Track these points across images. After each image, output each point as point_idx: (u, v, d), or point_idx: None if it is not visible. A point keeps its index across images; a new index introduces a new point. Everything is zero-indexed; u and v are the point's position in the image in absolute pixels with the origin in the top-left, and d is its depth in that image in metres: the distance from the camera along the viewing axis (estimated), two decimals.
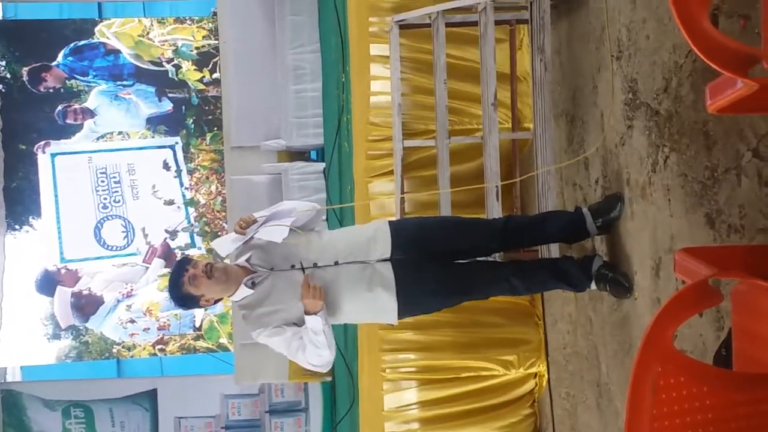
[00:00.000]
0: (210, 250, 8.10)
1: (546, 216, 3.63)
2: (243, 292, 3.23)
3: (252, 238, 3.25)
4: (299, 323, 3.21)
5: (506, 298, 4.51)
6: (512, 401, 4.67)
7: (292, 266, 3.25)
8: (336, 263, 3.26)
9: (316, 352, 3.16)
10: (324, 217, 5.12)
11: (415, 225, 3.49)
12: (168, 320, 8.14)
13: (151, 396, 7.34)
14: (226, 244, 3.30)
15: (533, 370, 4.62)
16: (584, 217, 3.43)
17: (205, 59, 8.24)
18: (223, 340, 8.11)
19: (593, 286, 3.48)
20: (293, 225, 3.26)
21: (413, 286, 3.28)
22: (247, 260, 3.25)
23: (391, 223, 3.43)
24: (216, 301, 3.32)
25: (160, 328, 8.14)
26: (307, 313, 3.10)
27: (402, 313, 3.31)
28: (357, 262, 3.27)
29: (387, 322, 3.43)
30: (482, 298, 3.72)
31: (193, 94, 8.23)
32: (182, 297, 3.21)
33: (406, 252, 3.30)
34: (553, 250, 3.84)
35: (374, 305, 3.29)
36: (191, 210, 8.16)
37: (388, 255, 3.28)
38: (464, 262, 3.46)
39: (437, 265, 3.35)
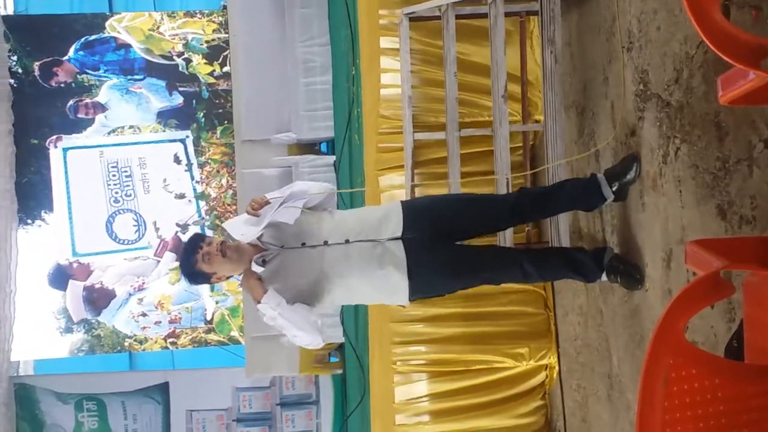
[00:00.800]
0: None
1: (559, 184, 3.60)
2: (253, 269, 3.26)
3: (266, 221, 3.23)
4: (309, 301, 3.24)
5: (517, 287, 4.51)
6: (523, 393, 4.67)
7: (303, 244, 3.27)
8: (347, 241, 3.26)
9: (291, 333, 3.22)
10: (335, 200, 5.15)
11: (427, 203, 3.48)
12: (179, 314, 8.17)
13: (163, 389, 7.38)
14: (239, 226, 3.28)
15: (544, 362, 4.62)
16: (599, 183, 3.39)
17: (215, 53, 8.25)
18: (235, 333, 8.13)
19: (604, 277, 3.47)
20: (305, 206, 3.28)
21: (424, 265, 3.25)
22: (258, 238, 3.28)
23: (403, 202, 3.42)
24: (227, 278, 3.36)
25: (171, 322, 8.17)
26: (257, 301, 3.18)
27: (413, 293, 3.29)
28: (368, 241, 3.26)
29: (398, 303, 3.43)
30: (494, 283, 3.68)
31: (204, 87, 8.24)
32: (194, 274, 3.25)
33: (418, 231, 3.28)
34: (564, 239, 3.83)
35: (385, 285, 3.27)
36: (202, 203, 8.18)
37: (399, 234, 3.26)
38: (476, 247, 3.45)
39: (449, 245, 3.33)
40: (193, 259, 3.22)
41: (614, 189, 3.38)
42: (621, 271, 3.40)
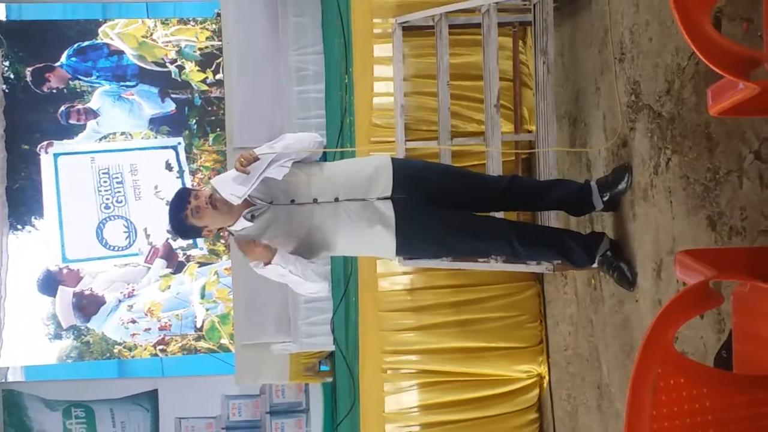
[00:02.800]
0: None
1: (552, 183, 3.60)
2: (242, 224, 3.25)
3: (255, 182, 3.20)
4: (302, 254, 3.27)
5: (511, 291, 4.49)
6: (517, 408, 4.62)
7: (292, 201, 3.25)
8: (336, 200, 3.25)
9: (301, 288, 3.30)
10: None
11: (419, 167, 3.42)
12: (169, 321, 8.14)
13: (152, 396, 7.34)
14: (227, 183, 3.21)
15: (536, 372, 4.59)
16: (591, 191, 3.40)
17: (208, 60, 8.24)
18: (224, 341, 8.11)
19: (595, 265, 3.46)
20: (294, 159, 3.25)
21: (413, 225, 3.26)
22: None
23: (393, 160, 3.36)
24: (218, 230, 3.34)
25: (161, 329, 8.14)
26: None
27: (400, 250, 3.31)
28: (357, 200, 3.25)
29: (386, 257, 3.48)
30: (482, 255, 3.67)
31: (196, 94, 8.23)
32: (185, 228, 3.24)
33: (408, 192, 3.27)
34: (552, 222, 3.82)
35: (373, 241, 3.30)
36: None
37: (389, 194, 3.25)
38: (467, 213, 3.41)
39: (439, 209, 3.31)
40: (182, 215, 3.19)
41: (605, 199, 3.38)
42: (615, 267, 3.38)
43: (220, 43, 7.56)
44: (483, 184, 3.49)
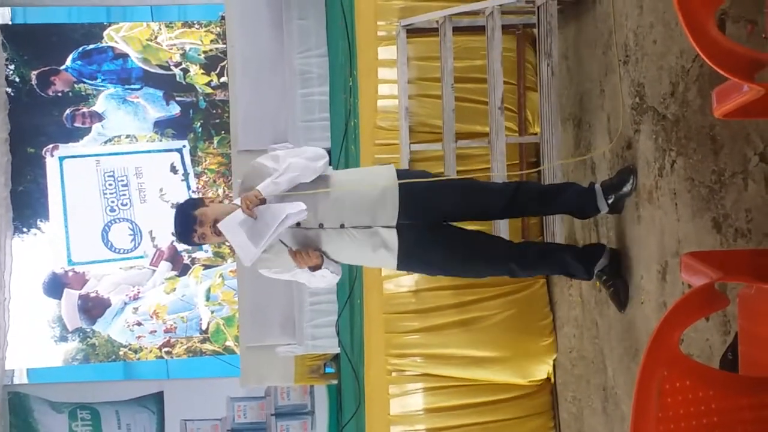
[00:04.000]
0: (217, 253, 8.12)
1: (557, 188, 3.60)
2: (248, 263, 3.27)
3: (267, 241, 3.18)
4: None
5: (516, 291, 4.48)
6: (529, 416, 4.57)
7: (298, 224, 3.25)
8: (342, 226, 3.28)
9: (323, 281, 3.37)
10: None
11: (425, 187, 3.37)
12: (174, 323, 8.15)
13: (158, 398, 7.35)
14: (236, 231, 3.14)
15: (545, 374, 4.54)
16: (595, 193, 3.41)
17: (212, 63, 8.26)
18: (230, 343, 8.12)
19: (593, 279, 3.50)
20: (301, 209, 3.20)
21: (416, 252, 3.34)
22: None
23: (400, 184, 3.32)
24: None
25: (166, 331, 8.15)
26: (312, 268, 3.29)
27: (400, 267, 3.41)
28: (363, 228, 3.28)
29: (385, 268, 3.64)
30: (479, 277, 3.82)
31: (201, 97, 8.25)
32: (192, 245, 3.43)
33: (413, 217, 3.30)
34: (558, 233, 3.82)
35: (375, 261, 3.45)
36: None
37: (394, 223, 3.28)
38: (468, 236, 3.46)
39: (441, 235, 3.37)
40: (189, 238, 3.25)
41: (610, 202, 3.38)
42: (611, 285, 3.44)
43: (224, 46, 7.57)
44: (488, 197, 3.49)
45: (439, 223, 3.39)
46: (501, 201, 3.45)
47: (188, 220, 3.23)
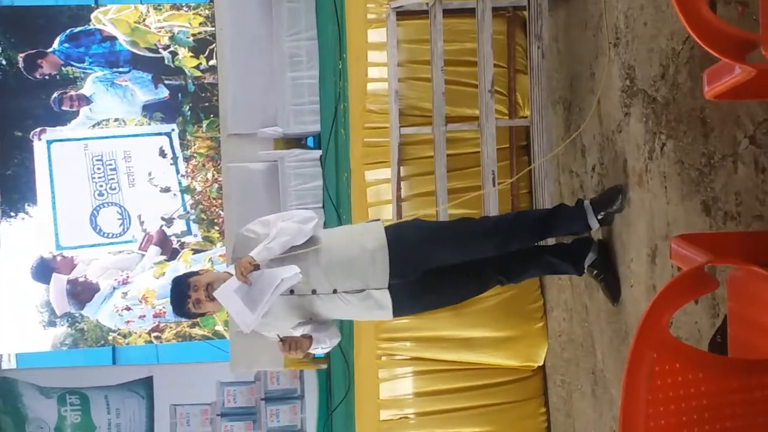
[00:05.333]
0: (206, 238, 8.10)
1: (550, 217, 3.53)
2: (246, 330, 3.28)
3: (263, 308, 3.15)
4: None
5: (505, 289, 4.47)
6: (522, 401, 4.57)
7: (291, 291, 3.26)
8: (334, 291, 3.30)
9: (320, 347, 3.38)
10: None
11: (414, 244, 3.37)
12: (164, 308, 8.12)
13: (147, 383, 7.33)
14: (233, 299, 3.13)
15: (536, 360, 4.52)
16: (585, 212, 3.42)
17: (201, 46, 8.19)
18: (219, 328, 8.10)
19: (586, 272, 3.52)
20: (295, 273, 3.18)
21: (409, 305, 3.48)
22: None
23: (389, 241, 3.32)
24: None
25: (155, 316, 8.13)
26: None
27: (396, 315, 3.46)
28: (355, 292, 3.30)
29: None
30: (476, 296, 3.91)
31: (190, 81, 8.19)
32: (188, 317, 3.39)
33: (404, 275, 3.33)
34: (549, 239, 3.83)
35: (370, 317, 3.71)
36: (187, 197, 8.13)
37: (386, 285, 3.31)
38: (458, 275, 3.49)
39: (432, 282, 3.41)
40: (185, 309, 3.26)
41: (599, 218, 3.41)
42: (602, 279, 3.47)
43: (213, 28, 7.51)
44: (481, 242, 3.45)
45: (429, 271, 3.38)
46: (495, 241, 3.44)
47: (182, 288, 3.25)
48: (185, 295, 3.23)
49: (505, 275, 3.56)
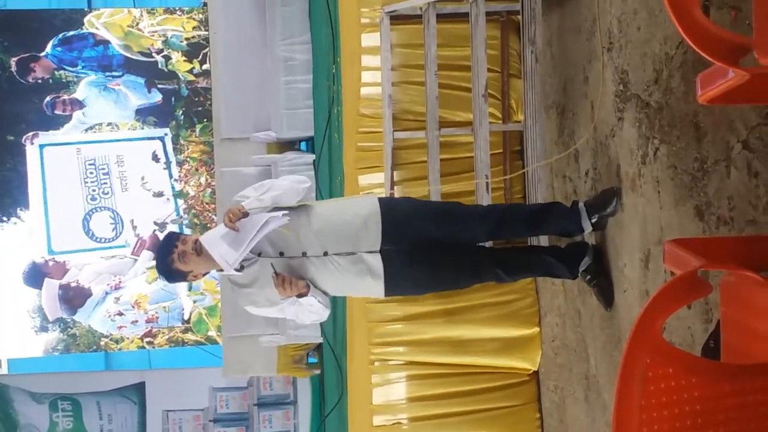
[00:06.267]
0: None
1: (543, 212, 3.54)
2: (230, 271, 3.23)
3: (245, 249, 3.15)
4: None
5: (502, 292, 4.47)
6: (517, 406, 4.56)
7: (281, 254, 3.24)
8: (325, 253, 3.25)
9: (314, 315, 3.30)
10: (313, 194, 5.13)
11: (407, 212, 3.40)
12: (156, 313, 8.11)
13: (139, 389, 7.31)
14: (217, 242, 3.15)
15: (532, 364, 4.51)
16: (579, 214, 3.41)
17: (195, 50, 8.20)
18: (212, 333, 8.08)
19: (579, 277, 3.52)
20: (283, 213, 3.20)
21: (401, 273, 3.31)
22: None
23: (382, 209, 3.33)
24: (204, 275, 3.34)
25: (148, 321, 8.11)
26: (298, 296, 3.20)
27: (388, 293, 3.37)
28: (346, 254, 3.25)
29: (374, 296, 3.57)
30: (467, 287, 3.84)
31: (183, 85, 8.18)
32: (170, 273, 3.23)
33: (396, 243, 3.29)
34: (543, 238, 3.83)
35: (362, 289, 3.40)
36: (180, 202, 8.12)
37: (378, 248, 3.27)
38: (451, 252, 3.44)
39: (426, 255, 3.34)
40: (168, 259, 3.18)
41: (593, 221, 3.41)
42: (594, 284, 3.46)
43: (206, 33, 7.51)
44: (472, 224, 3.46)
45: (422, 244, 3.35)
46: (486, 227, 3.44)
47: (171, 239, 3.24)
48: (172, 246, 3.19)
49: (503, 268, 3.47)
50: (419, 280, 3.39)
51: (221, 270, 3.25)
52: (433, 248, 3.37)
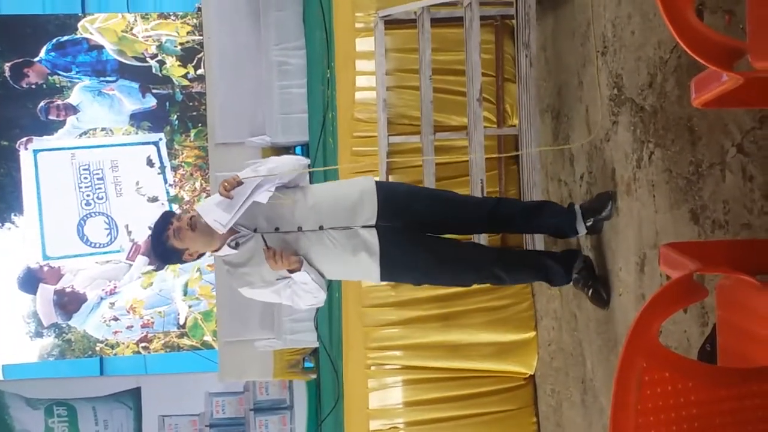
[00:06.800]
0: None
1: (537, 207, 3.58)
2: (226, 250, 3.24)
3: (239, 209, 3.17)
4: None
5: (498, 296, 4.47)
6: (514, 410, 4.55)
7: (276, 229, 3.23)
8: (320, 228, 3.24)
9: (311, 296, 3.26)
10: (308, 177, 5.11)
11: (404, 194, 3.41)
12: (152, 318, 8.09)
13: (135, 394, 7.29)
14: (211, 209, 3.17)
15: (527, 368, 4.51)
16: (575, 216, 3.41)
17: (189, 55, 8.18)
18: (208, 338, 8.07)
19: (572, 283, 3.51)
20: (279, 183, 3.23)
21: (397, 253, 3.27)
22: None
23: (378, 186, 3.35)
24: (199, 256, 3.31)
25: (143, 326, 8.09)
26: (290, 272, 3.17)
27: (383, 277, 3.32)
28: (342, 228, 3.24)
29: (370, 281, 3.55)
30: (464, 285, 3.75)
31: (177, 90, 8.17)
32: (166, 251, 3.22)
33: (392, 219, 3.27)
34: (538, 241, 3.83)
35: (358, 268, 3.32)
36: (175, 207, 8.11)
37: (373, 222, 3.25)
38: (451, 242, 3.44)
39: (422, 238, 3.33)
40: (164, 236, 3.18)
41: (588, 224, 3.40)
42: (590, 285, 3.45)
43: (201, 37, 7.51)
44: (467, 209, 3.48)
45: (417, 229, 3.34)
46: (479, 213, 3.45)
47: (167, 216, 3.26)
48: (167, 223, 3.19)
49: (500, 266, 3.42)
50: (415, 261, 3.33)
51: (217, 251, 3.25)
52: (428, 232, 3.36)
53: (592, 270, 3.49)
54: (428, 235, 3.37)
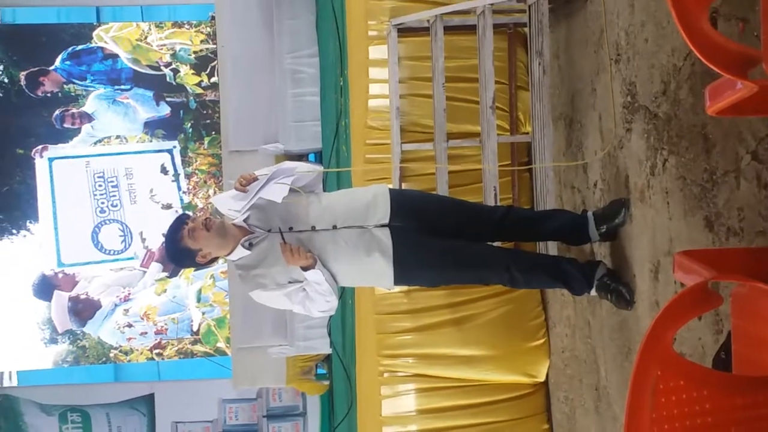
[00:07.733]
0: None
1: (549, 213, 3.59)
2: (240, 252, 3.25)
3: (254, 197, 3.22)
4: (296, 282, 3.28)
5: (508, 301, 4.46)
6: (525, 417, 4.53)
7: (290, 228, 3.25)
8: (334, 227, 3.25)
9: (323, 299, 3.23)
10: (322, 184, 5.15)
11: (416, 197, 3.47)
12: (165, 324, 8.12)
13: (149, 401, 7.32)
14: (226, 201, 3.27)
15: (539, 376, 4.49)
16: (587, 223, 3.41)
17: (203, 63, 8.24)
18: (221, 345, 8.09)
19: (593, 292, 3.46)
20: (293, 185, 3.25)
21: (411, 253, 3.25)
22: (245, 220, 3.26)
23: (391, 189, 3.42)
24: (213, 260, 3.30)
25: (157, 333, 8.12)
26: (304, 269, 3.17)
27: (398, 280, 3.30)
28: (355, 227, 3.25)
29: (383, 287, 3.52)
30: (480, 283, 3.74)
31: (191, 98, 8.22)
32: (180, 251, 3.23)
33: (405, 220, 3.28)
34: (551, 249, 3.82)
35: (371, 270, 3.28)
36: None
37: (386, 221, 3.26)
38: (465, 241, 3.42)
39: (436, 238, 3.32)
40: (178, 236, 3.20)
41: (602, 231, 3.40)
42: (612, 289, 3.40)
43: (215, 46, 7.55)
44: (479, 215, 3.49)
45: (431, 230, 3.34)
46: (491, 220, 3.45)
47: (182, 217, 3.30)
48: (182, 223, 3.21)
49: (515, 265, 3.36)
50: (429, 261, 3.29)
51: (230, 253, 3.26)
52: (442, 233, 3.35)
53: (615, 276, 3.45)
54: (440, 235, 3.36)
